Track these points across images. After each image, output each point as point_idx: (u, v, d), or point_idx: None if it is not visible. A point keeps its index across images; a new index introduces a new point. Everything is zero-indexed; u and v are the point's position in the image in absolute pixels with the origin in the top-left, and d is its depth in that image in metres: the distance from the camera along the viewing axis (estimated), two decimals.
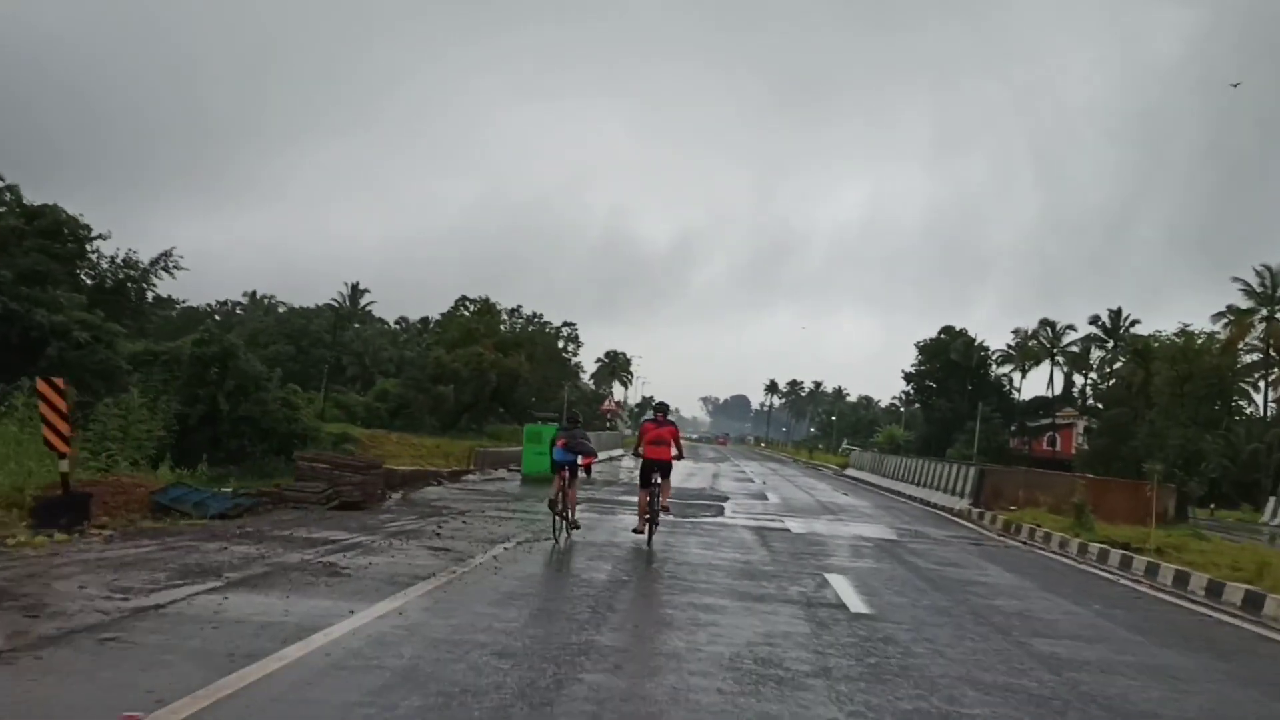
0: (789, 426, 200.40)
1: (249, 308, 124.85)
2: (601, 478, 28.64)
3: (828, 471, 47.70)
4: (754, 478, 37.85)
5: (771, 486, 32.06)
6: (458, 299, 75.73)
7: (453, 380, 68.52)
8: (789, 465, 55.73)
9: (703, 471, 38.57)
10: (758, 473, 41.74)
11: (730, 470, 42.27)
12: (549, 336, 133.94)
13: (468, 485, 24.78)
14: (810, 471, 48.13)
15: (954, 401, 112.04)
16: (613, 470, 31.96)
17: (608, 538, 14.69)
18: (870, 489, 34.54)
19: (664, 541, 14.37)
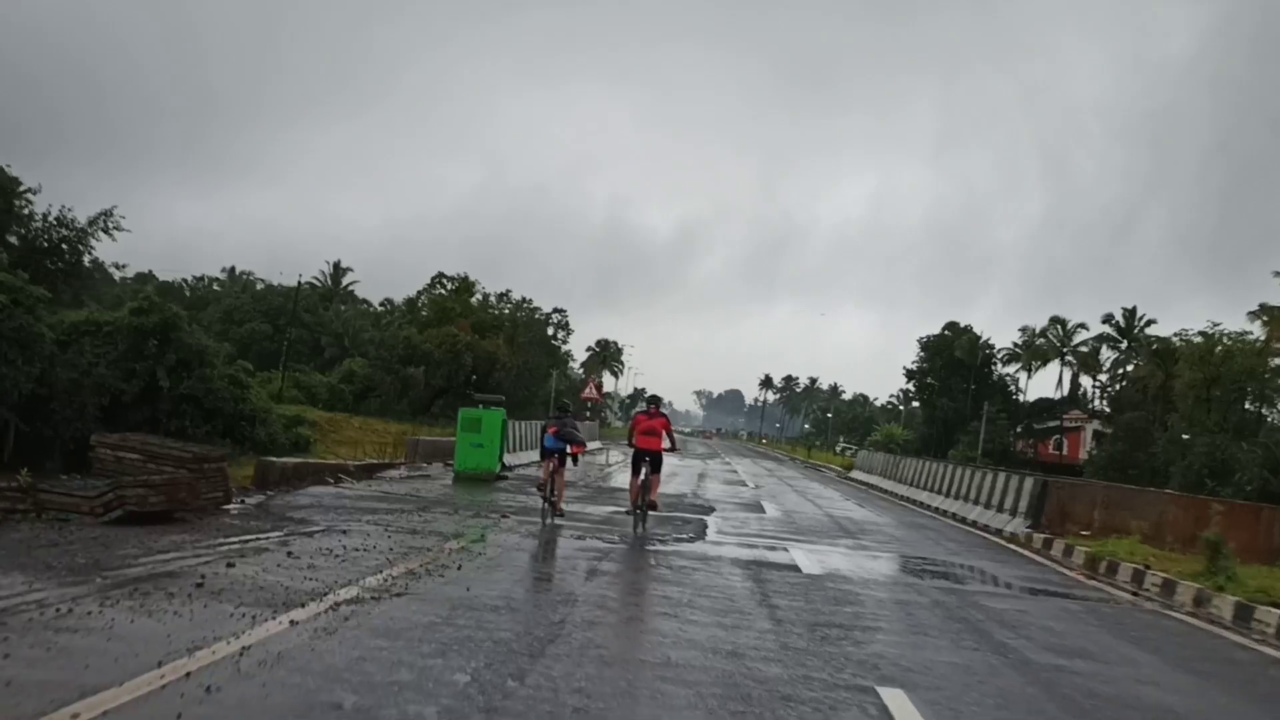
0: (783, 423, 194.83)
1: (227, 284, 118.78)
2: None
3: (830, 474, 42.04)
4: (747, 480, 32.17)
5: (768, 493, 26.32)
6: (434, 276, 70.01)
7: (424, 362, 62.83)
8: (786, 465, 50.21)
9: (687, 471, 32.89)
10: (751, 474, 36.10)
11: (720, 470, 36.63)
12: (538, 323, 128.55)
13: (381, 482, 19.14)
14: (811, 473, 42.54)
15: (957, 401, 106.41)
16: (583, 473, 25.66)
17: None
18: (886, 498, 28.79)
19: (601, 594, 8.73)
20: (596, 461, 32.30)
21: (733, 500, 22.38)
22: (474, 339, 64.69)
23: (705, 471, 33.96)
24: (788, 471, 40.85)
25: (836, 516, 20.37)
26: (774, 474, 37.35)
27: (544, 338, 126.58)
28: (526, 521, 13.99)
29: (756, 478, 33.72)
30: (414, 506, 15.00)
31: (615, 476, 26.50)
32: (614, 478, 26.33)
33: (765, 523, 17.55)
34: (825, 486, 32.51)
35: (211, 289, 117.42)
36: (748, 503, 22.05)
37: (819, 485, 32.85)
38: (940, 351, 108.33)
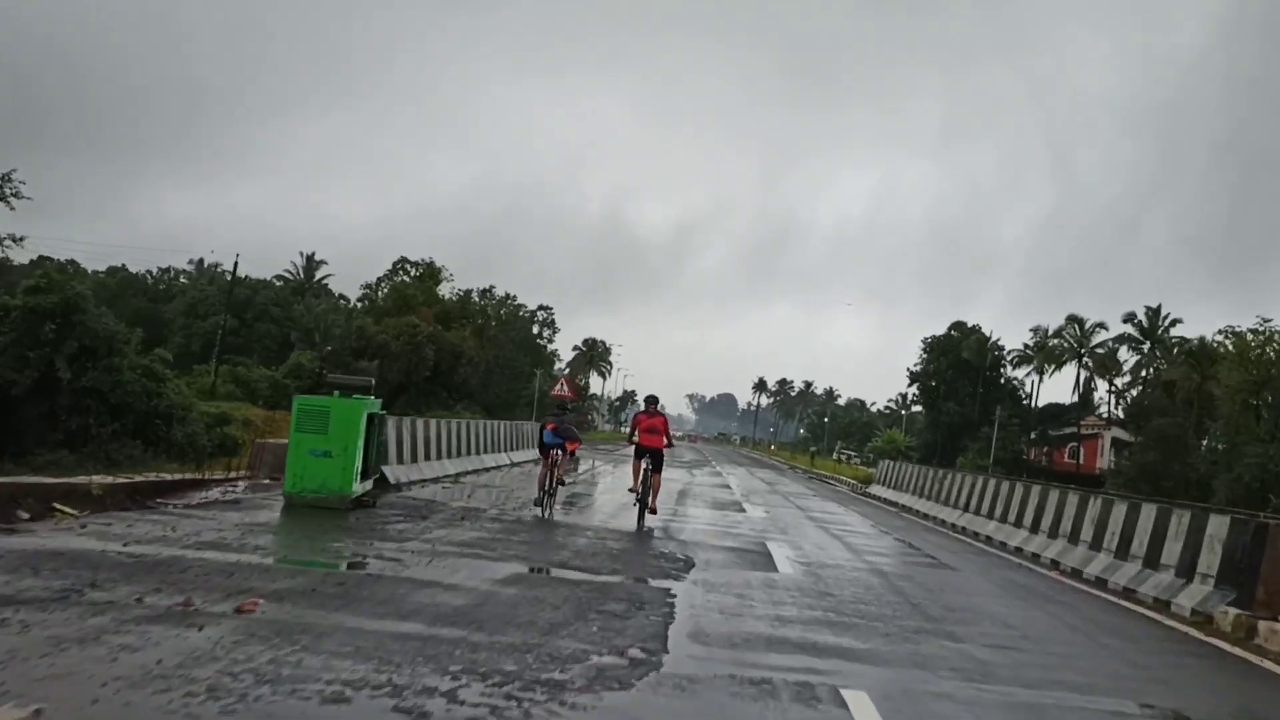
0: (777, 427, 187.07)
1: (195, 277, 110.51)
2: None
3: (843, 489, 34.11)
4: (743, 500, 24.27)
5: (776, 524, 18.21)
6: (396, 261, 62.03)
7: (379, 354, 54.92)
8: (787, 476, 42.26)
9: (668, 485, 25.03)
10: (748, 490, 28.28)
11: (709, 485, 28.81)
12: (521, 319, 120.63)
13: (169, 513, 11.28)
14: (820, 488, 34.67)
15: (964, 405, 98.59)
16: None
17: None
18: (934, 530, 20.63)
19: None
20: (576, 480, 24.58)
21: (725, 540, 14.42)
22: (437, 330, 56.82)
23: (690, 487, 26.14)
24: (792, 486, 32.91)
25: (889, 575, 12.43)
26: (776, 489, 29.63)
27: (528, 336, 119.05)
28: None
29: (755, 496, 25.82)
30: (183, 573, 7.19)
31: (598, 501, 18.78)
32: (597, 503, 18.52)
33: (779, 594, 9.66)
34: (846, 510, 24.48)
35: (178, 281, 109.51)
36: (747, 546, 14.07)
37: (838, 508, 24.84)
38: (946, 352, 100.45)
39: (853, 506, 25.57)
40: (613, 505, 17.82)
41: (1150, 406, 72.94)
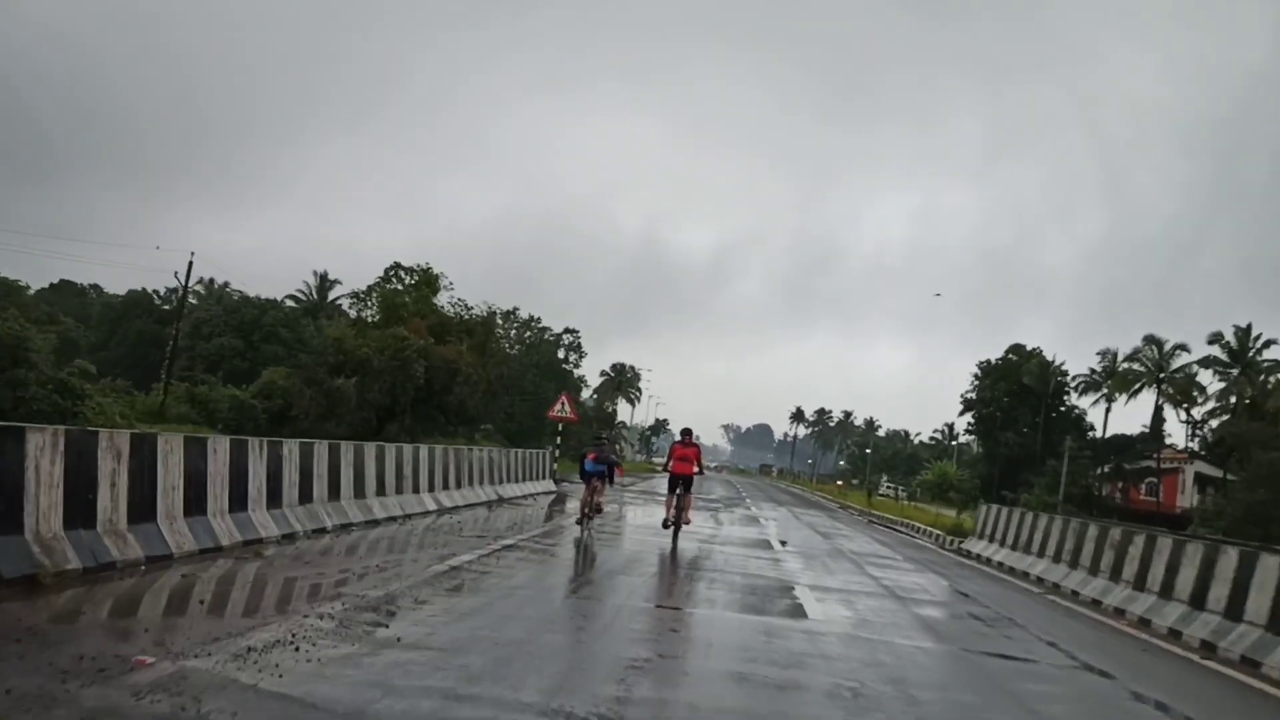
0: (815, 459, 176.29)
1: (204, 297, 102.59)
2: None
3: (925, 542, 24.28)
4: (791, 559, 15.02)
5: (866, 624, 8.81)
6: (388, 267, 53.14)
7: (358, 371, 46.03)
8: (842, 521, 32.11)
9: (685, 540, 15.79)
10: (798, 545, 18.83)
11: (739, 537, 19.36)
12: (548, 344, 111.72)
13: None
14: (892, 540, 24.98)
15: (1024, 435, 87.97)
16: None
17: None
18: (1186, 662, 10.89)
19: None
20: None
21: (770, 670, 5.06)
22: (428, 344, 47.82)
23: (711, 545, 16.74)
24: (855, 540, 22.36)
25: None
26: (834, 540, 20.03)
27: (553, 360, 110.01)
28: None
29: (812, 562, 16.18)
30: None
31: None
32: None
33: None
34: (961, 594, 14.78)
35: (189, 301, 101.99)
36: (827, 691, 4.64)
37: (944, 584, 15.18)
38: (1004, 378, 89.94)
39: (972, 582, 15.81)
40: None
41: (1248, 436, 62.17)
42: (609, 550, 14.29)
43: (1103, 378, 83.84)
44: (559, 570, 11.81)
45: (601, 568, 12.22)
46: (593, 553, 13.57)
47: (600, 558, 13.24)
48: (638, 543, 15.77)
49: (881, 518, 33.28)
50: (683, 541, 15.78)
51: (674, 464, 15.76)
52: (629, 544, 15.51)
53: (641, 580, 11.28)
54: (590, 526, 15.47)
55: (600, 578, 11.27)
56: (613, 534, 16.78)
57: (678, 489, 15.37)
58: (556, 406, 36.55)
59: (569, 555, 13.25)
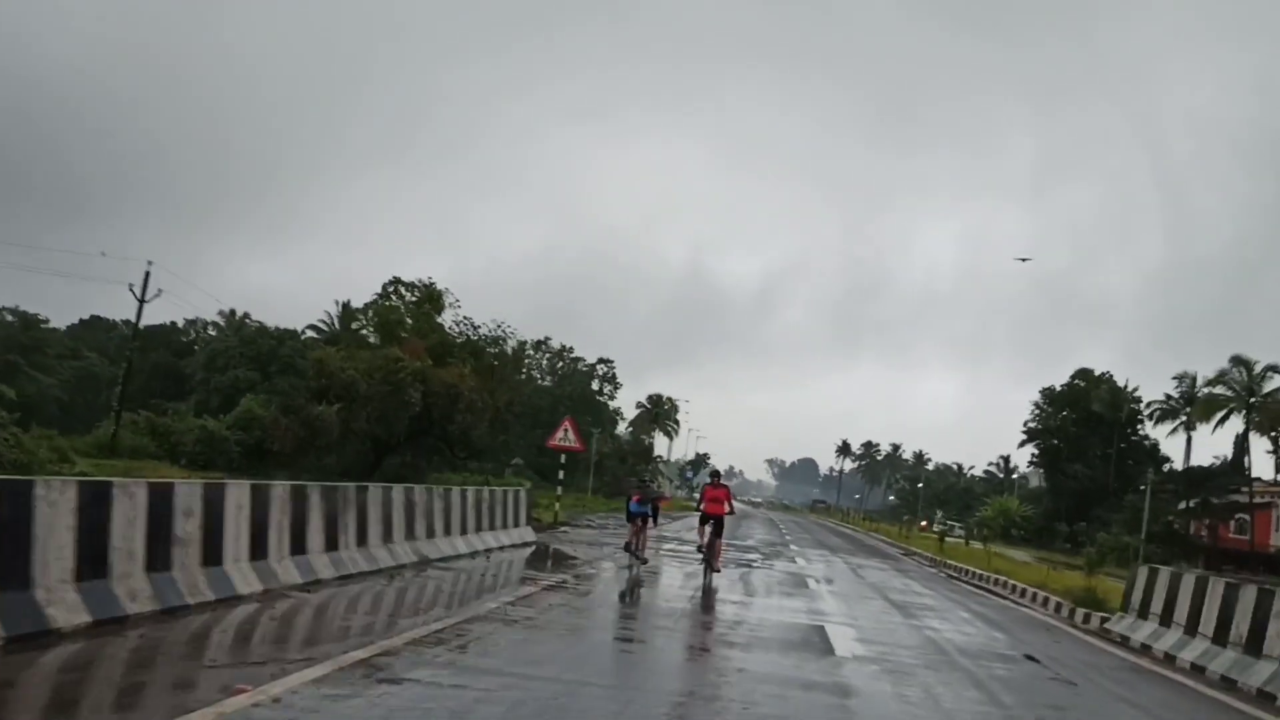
0: (863, 494, 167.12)
1: (224, 328, 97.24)
2: None
3: (1054, 622, 15.84)
4: (867, 680, 8.00)
5: None
6: (388, 282, 46.70)
7: (344, 396, 39.55)
8: (913, 576, 24.46)
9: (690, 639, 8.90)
10: (872, 637, 11.68)
11: (774, 613, 12.55)
12: (581, 374, 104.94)
13: None
14: (989, 607, 17.32)
15: (1093, 467, 79.19)
16: None
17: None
18: None
19: None
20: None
21: None
22: (426, 366, 41.28)
23: (731, 640, 9.73)
24: (950, 618, 13.88)
25: None
26: (929, 631, 12.61)
27: (586, 391, 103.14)
28: None
29: (907, 683, 8.95)
30: None
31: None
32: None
33: None
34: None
35: (206, 332, 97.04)
36: None
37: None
38: (1070, 405, 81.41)
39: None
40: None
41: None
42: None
43: (1180, 404, 75.15)
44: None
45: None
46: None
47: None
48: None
49: (961, 571, 25.70)
50: (690, 642, 8.79)
51: (705, 505, 16.51)
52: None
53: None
54: (637, 565, 16.11)
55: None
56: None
57: (709, 527, 16.12)
58: (559, 433, 29.58)
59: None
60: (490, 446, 50.27)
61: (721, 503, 16.39)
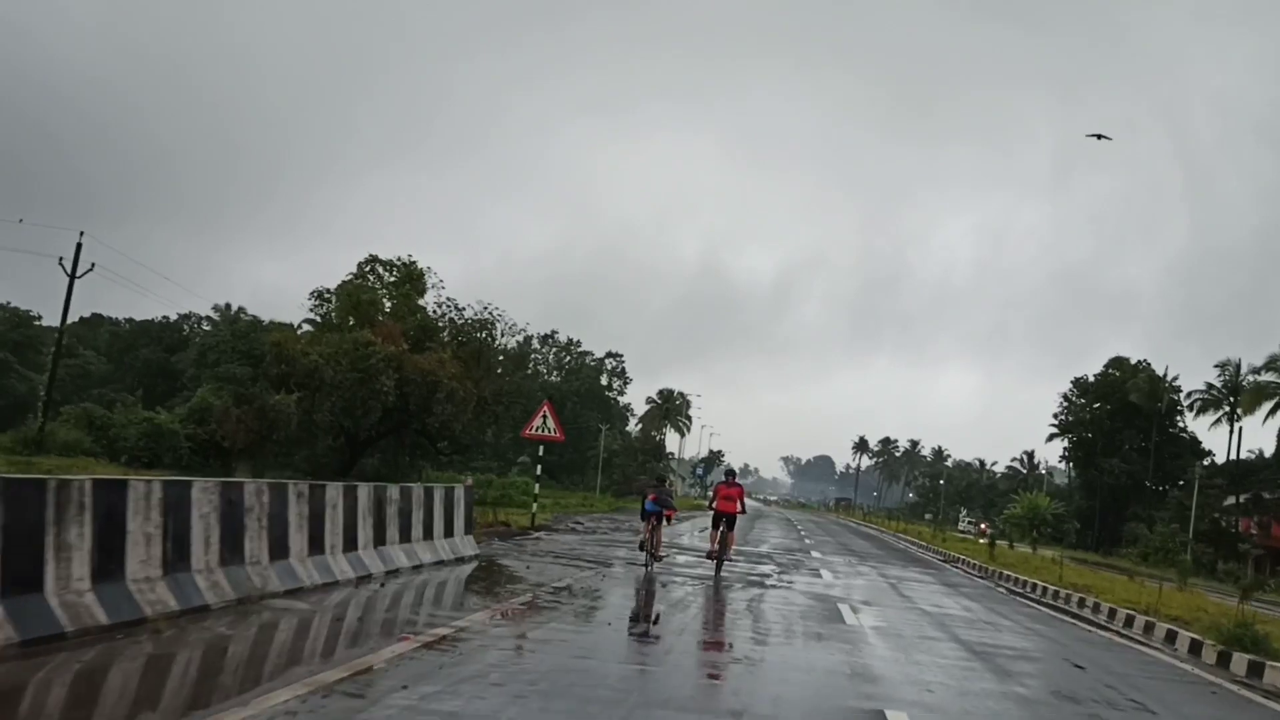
0: (880, 491, 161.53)
1: (218, 323, 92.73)
2: None
3: (1197, 671, 11.40)
4: None
5: None
6: (363, 261, 41.68)
7: (306, 385, 34.69)
8: (966, 593, 18.10)
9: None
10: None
11: (801, 669, 7.54)
12: (589, 369, 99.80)
13: None
14: (1098, 650, 12.26)
15: (1130, 462, 73.51)
16: None
17: None
18: None
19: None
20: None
21: None
22: (401, 351, 36.34)
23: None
24: (1047, 666, 9.83)
25: None
26: (1042, 709, 8.22)
27: (595, 387, 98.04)
28: None
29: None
30: None
31: None
32: None
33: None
34: None
35: (199, 328, 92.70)
36: None
37: None
38: (1104, 396, 75.79)
39: None
40: None
41: None
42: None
43: (1223, 393, 69.44)
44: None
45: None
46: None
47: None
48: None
49: (1024, 585, 20.51)
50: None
51: (719, 503, 16.58)
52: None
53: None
54: (651, 564, 15.80)
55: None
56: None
57: (721, 525, 16.09)
58: (535, 421, 24.56)
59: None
60: (477, 441, 45.26)
61: (734, 501, 16.49)
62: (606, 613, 10.55)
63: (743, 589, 14.72)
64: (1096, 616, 15.67)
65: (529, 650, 8.01)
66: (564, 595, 11.59)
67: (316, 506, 10.26)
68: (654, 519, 15.98)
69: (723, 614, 12.00)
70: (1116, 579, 22.72)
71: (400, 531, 12.43)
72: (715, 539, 16.23)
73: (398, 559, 12.09)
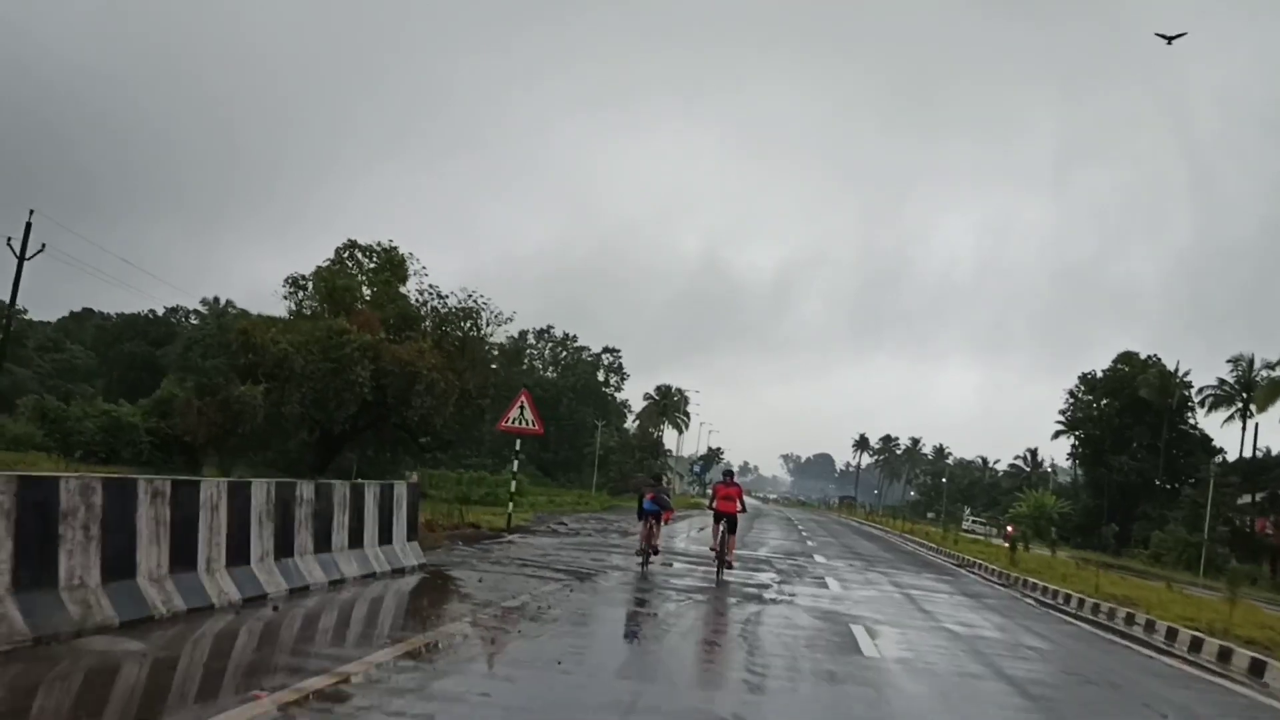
0: (881, 489, 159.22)
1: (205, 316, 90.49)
2: None
3: None
4: None
5: None
6: (341, 247, 39.25)
7: (275, 376, 32.35)
8: (1005, 613, 14.71)
9: None
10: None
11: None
12: (585, 364, 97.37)
13: None
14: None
15: (1140, 459, 71.10)
16: None
17: None
18: None
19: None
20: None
21: None
22: (378, 340, 34.00)
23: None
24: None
25: None
26: None
27: (591, 382, 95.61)
28: None
29: None
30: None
31: None
32: None
33: None
34: None
35: (187, 322, 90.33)
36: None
37: None
38: (1113, 393, 73.40)
39: None
40: None
41: None
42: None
43: (1236, 389, 67.10)
44: None
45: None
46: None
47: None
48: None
49: (1053, 594, 18.17)
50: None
51: (718, 503, 16.26)
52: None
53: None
54: (648, 563, 15.35)
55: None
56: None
57: (722, 525, 15.70)
58: (512, 412, 22.20)
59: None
60: (463, 436, 42.96)
61: (734, 500, 16.16)
62: (560, 645, 8.19)
63: (738, 605, 12.38)
64: (1151, 638, 13.30)
65: (423, 717, 5.64)
66: (512, 619, 9.23)
67: (185, 509, 7.89)
68: (651, 519, 15.52)
69: (712, 645, 9.64)
70: (1155, 587, 20.31)
71: (315, 539, 10.05)
72: (717, 534, 15.83)
73: (309, 574, 9.74)
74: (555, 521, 26.29)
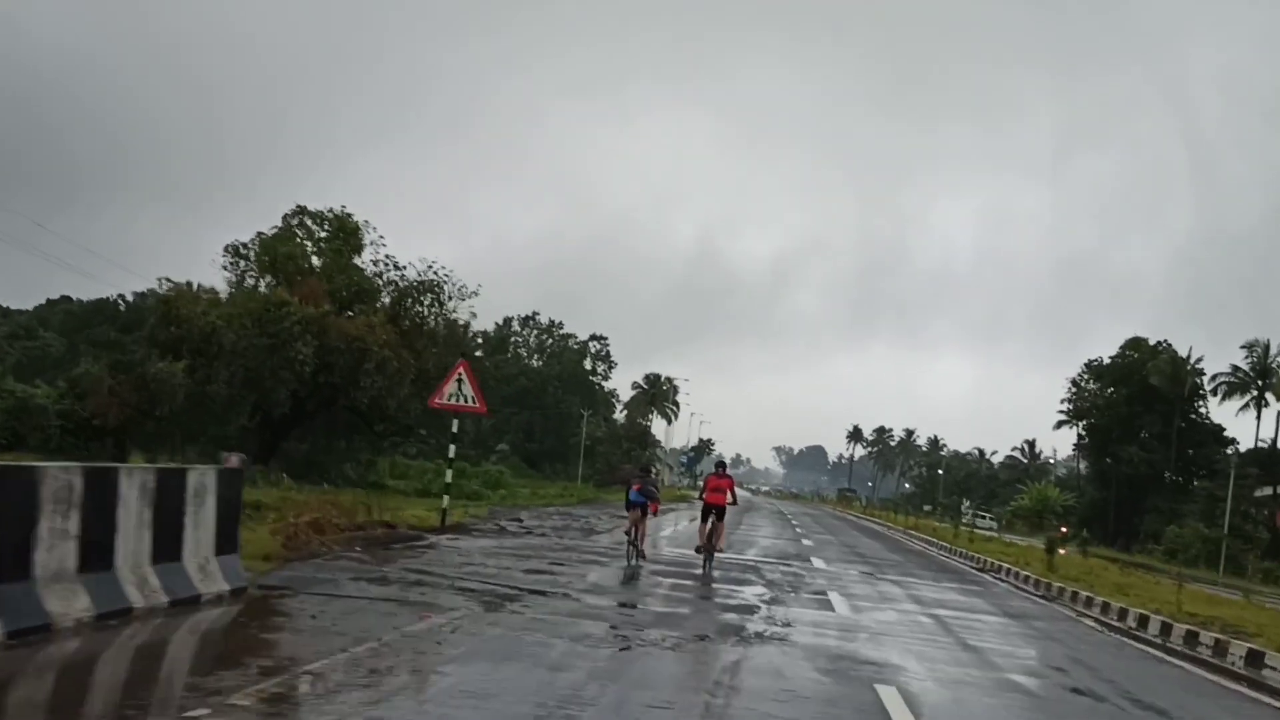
0: (875, 481, 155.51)
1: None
2: None
3: None
4: None
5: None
6: (289, 213, 35.07)
7: (204, 352, 28.31)
8: (1075, 645, 10.87)
9: None
10: None
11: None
12: (571, 351, 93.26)
13: None
14: None
15: (1150, 450, 67.24)
16: None
17: None
18: None
19: None
20: None
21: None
22: (323, 313, 29.95)
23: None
24: None
25: None
26: None
27: (577, 370, 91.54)
28: None
29: None
30: None
31: None
32: None
33: None
34: None
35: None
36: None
37: None
38: (1121, 380, 69.51)
39: None
40: None
41: None
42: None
43: (1250, 376, 63.31)
44: None
45: None
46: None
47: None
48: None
49: (1115, 613, 14.27)
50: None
51: (708, 494, 15.90)
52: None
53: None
54: (637, 556, 14.85)
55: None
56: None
57: (710, 517, 15.43)
58: (448, 386, 18.17)
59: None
60: (431, 422, 38.88)
61: (724, 492, 15.66)
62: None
63: (713, 642, 8.37)
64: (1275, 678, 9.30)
65: None
66: (309, 703, 5.19)
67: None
68: (639, 510, 15.16)
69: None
70: (1240, 603, 16.32)
71: (17, 562, 6.00)
72: (703, 533, 15.41)
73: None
74: (510, 517, 22.26)
